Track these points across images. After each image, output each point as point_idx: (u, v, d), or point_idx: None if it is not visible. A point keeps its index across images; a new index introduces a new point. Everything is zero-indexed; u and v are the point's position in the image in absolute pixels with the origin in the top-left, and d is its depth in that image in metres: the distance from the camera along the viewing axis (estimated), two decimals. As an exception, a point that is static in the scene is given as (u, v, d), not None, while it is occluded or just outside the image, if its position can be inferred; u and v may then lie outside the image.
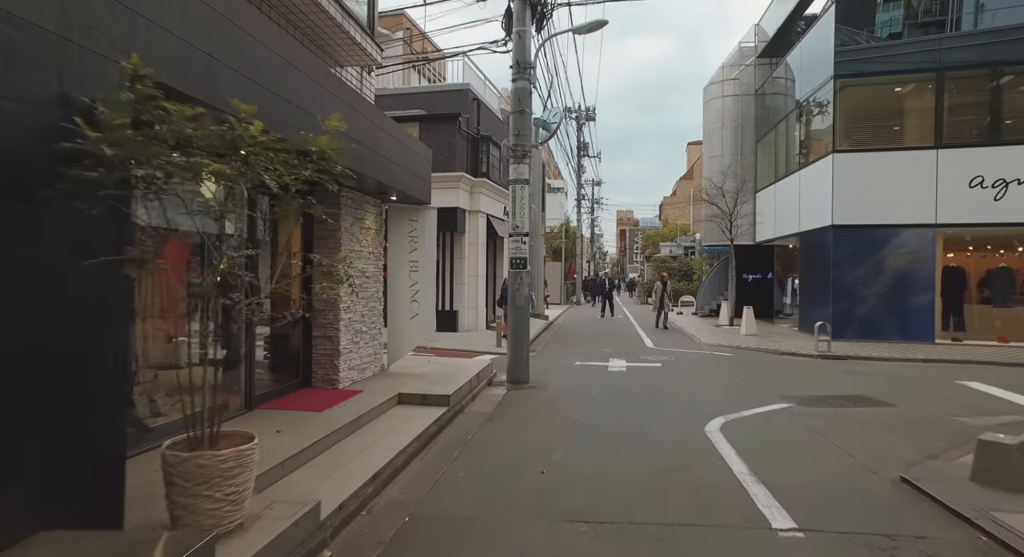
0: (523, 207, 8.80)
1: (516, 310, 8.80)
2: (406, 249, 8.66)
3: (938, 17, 13.99)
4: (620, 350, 12.97)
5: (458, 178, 14.39)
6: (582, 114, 34.66)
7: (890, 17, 14.46)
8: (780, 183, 17.65)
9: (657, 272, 33.13)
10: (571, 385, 8.93)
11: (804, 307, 15.71)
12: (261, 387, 6.25)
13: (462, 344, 13.29)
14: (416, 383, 7.62)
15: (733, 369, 10.46)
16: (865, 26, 14.29)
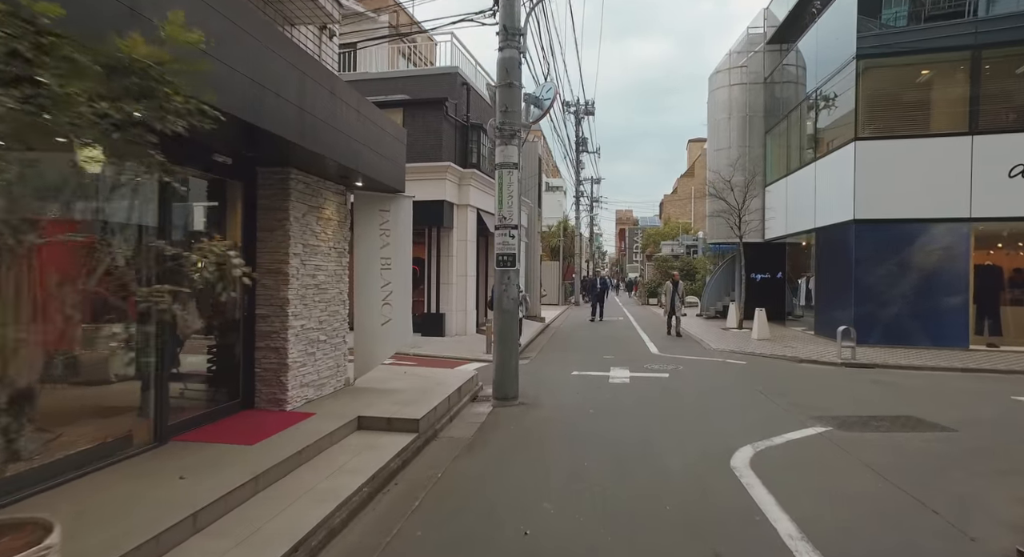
0: (511, 195, 7.61)
1: (503, 314, 7.62)
2: (376, 244, 7.47)
3: None
4: (622, 357, 11.79)
5: (444, 169, 13.19)
6: (580, 108, 33.53)
7: None
8: (793, 176, 16.47)
9: (660, 271, 31.98)
10: (567, 401, 7.74)
11: (820, 309, 14.53)
12: (184, 411, 5.06)
13: (448, 350, 12.10)
14: (383, 402, 6.43)
15: (750, 380, 9.28)
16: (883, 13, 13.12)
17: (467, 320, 14.09)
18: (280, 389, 5.85)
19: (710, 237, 21.29)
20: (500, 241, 7.63)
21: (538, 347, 13.72)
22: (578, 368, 10.40)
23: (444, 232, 13.87)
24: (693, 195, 51.38)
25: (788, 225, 16.71)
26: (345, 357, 7.26)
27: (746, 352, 12.12)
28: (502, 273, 7.62)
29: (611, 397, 7.96)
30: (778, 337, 14.47)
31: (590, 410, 7.18)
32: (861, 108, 12.35)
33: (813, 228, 14.69)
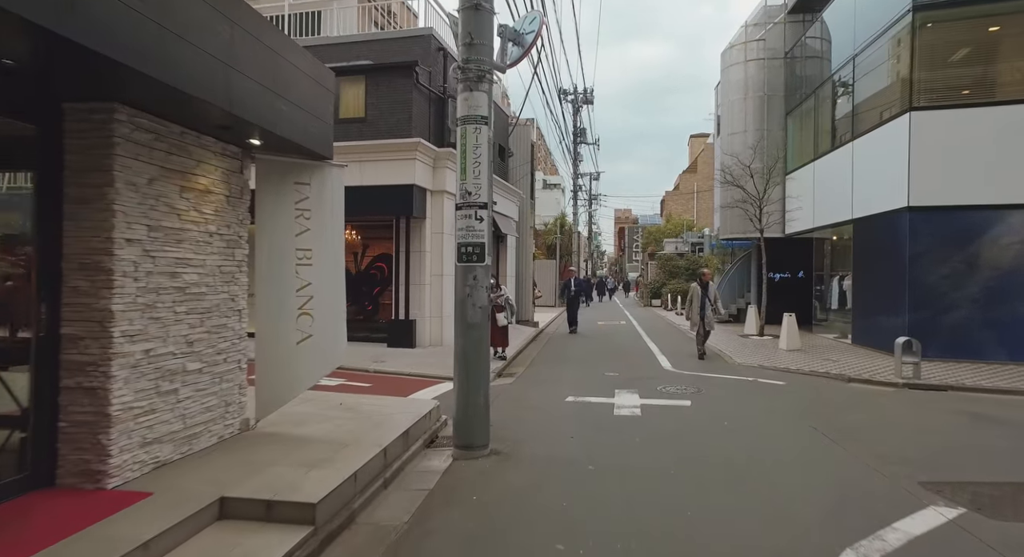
0: (478, 162, 5.46)
1: (466, 331, 5.46)
2: (290, 230, 5.32)
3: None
4: (628, 374, 9.64)
5: (413, 146, 11.03)
6: (579, 96, 31.45)
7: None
8: (822, 161, 14.33)
9: (663, 271, 29.84)
10: (556, 448, 5.59)
11: (859, 314, 12.39)
12: None
13: (417, 366, 9.94)
14: (282, 464, 4.27)
15: (798, 410, 7.13)
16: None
17: (443, 328, 11.92)
18: (98, 454, 3.68)
19: (722, 232, 19.15)
20: (463, 225, 5.47)
21: (527, 359, 11.57)
22: (574, 390, 8.25)
23: (415, 223, 11.71)
24: (696, 190, 49.32)
25: (816, 217, 14.57)
26: (242, 389, 5.10)
27: (778, 368, 9.96)
28: (465, 271, 5.46)
29: (618, 441, 5.80)
30: (810, 347, 12.33)
31: (589, 467, 5.03)
32: (918, 72, 10.19)
33: (849, 219, 12.56)
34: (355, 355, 10.83)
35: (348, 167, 5.81)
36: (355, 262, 12.76)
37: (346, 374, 9.44)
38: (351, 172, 11.44)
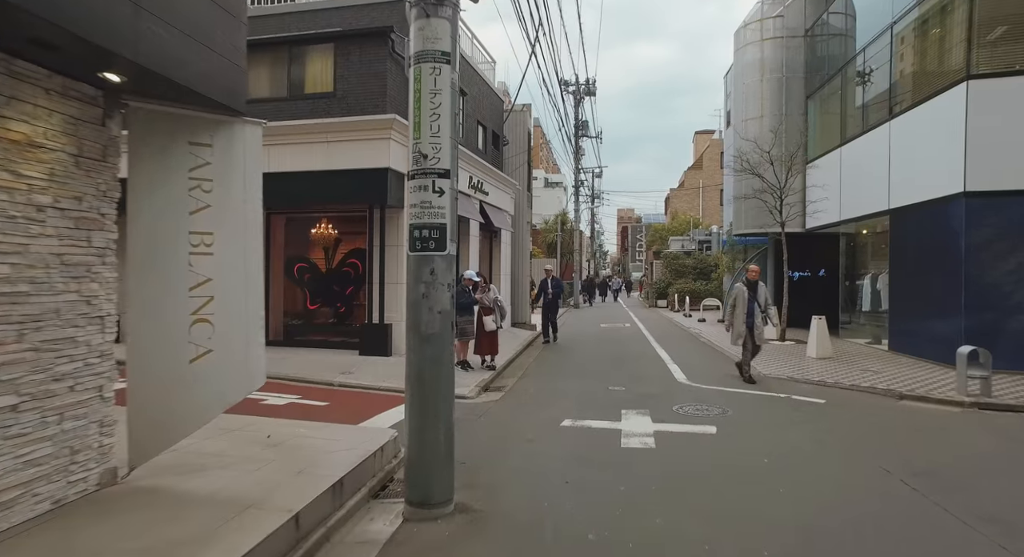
0: (437, 114, 4.00)
1: (421, 346, 4.01)
2: (180, 207, 3.89)
3: None
4: (637, 388, 8.18)
5: (388, 124, 9.57)
6: (580, 88, 30.00)
7: None
8: (850, 146, 12.85)
9: (669, 270, 28.36)
10: (546, 502, 4.15)
11: (897, 317, 10.91)
12: None
13: (388, 378, 8.50)
14: (128, 553, 2.83)
15: (856, 443, 5.66)
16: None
17: (424, 333, 10.45)
18: None
19: (735, 227, 17.66)
20: (417, 201, 4.01)
21: (521, 369, 10.11)
22: (572, 410, 6.79)
23: (392, 214, 10.25)
24: (702, 187, 47.84)
25: (843, 209, 13.08)
26: (105, 428, 3.66)
27: (812, 381, 8.48)
28: (420, 263, 4.01)
29: (628, 491, 4.34)
30: (841, 355, 10.85)
31: (589, 535, 3.58)
32: (977, 33, 8.70)
33: (885, 210, 11.08)
34: (320, 365, 9.40)
35: (267, 124, 4.34)
36: (326, 259, 11.33)
37: (303, 389, 8.03)
38: (316, 155, 10.02)
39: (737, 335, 8.57)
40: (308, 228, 11.45)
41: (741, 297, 8.57)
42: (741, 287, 8.65)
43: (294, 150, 9.80)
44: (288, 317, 11.30)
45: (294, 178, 9.78)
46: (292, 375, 8.79)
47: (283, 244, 11.31)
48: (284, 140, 9.83)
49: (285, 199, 10.09)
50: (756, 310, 8.49)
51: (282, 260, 11.23)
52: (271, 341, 10.89)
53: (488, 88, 15.47)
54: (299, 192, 9.84)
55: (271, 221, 11.04)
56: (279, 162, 9.84)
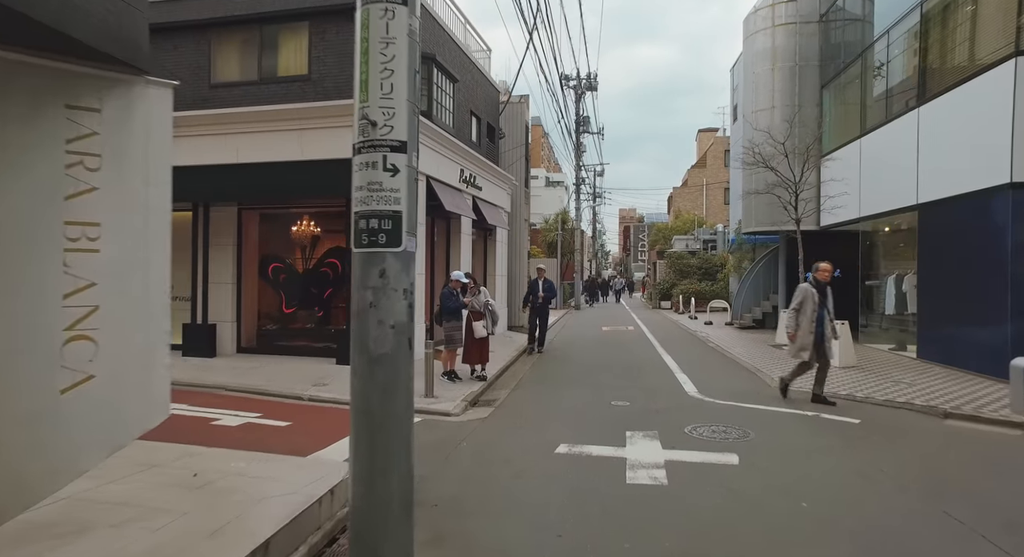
0: (389, 70, 3.08)
1: (370, 368, 3.09)
2: (50, 191, 2.98)
3: None
4: (642, 402, 7.27)
5: (367, 109, 8.67)
6: (581, 82, 29.13)
7: None
8: (871, 137, 11.92)
9: (674, 270, 27.44)
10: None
11: (927, 322, 9.98)
12: None
13: (363, 393, 7.56)
14: None
15: (909, 479, 4.73)
16: None
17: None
18: None
19: (745, 224, 16.73)
20: (362, 183, 3.10)
21: (515, 378, 9.20)
22: (569, 432, 5.88)
23: (373, 209, 9.34)
24: (705, 185, 46.91)
25: (863, 204, 12.15)
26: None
27: (840, 395, 7.54)
28: (366, 263, 3.09)
29: (631, 552, 3.42)
30: (867, 363, 9.92)
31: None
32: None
33: (912, 205, 10.15)
34: (292, 375, 8.50)
35: (173, 87, 3.41)
36: (303, 258, 10.43)
37: (267, 405, 7.13)
38: (289, 144, 9.03)
39: (800, 348, 7.03)
40: (283, 225, 10.56)
41: (810, 301, 7.03)
42: (808, 289, 7.15)
43: (266, 139, 8.91)
44: (262, 322, 10.41)
45: (265, 170, 8.90)
46: (258, 387, 7.90)
47: (257, 242, 10.42)
48: (254, 128, 8.94)
49: (255, 193, 9.21)
50: (827, 318, 7.06)
51: (256, 260, 10.33)
52: (244, 348, 10.03)
53: (483, 77, 14.56)
54: (271, 185, 8.95)
55: (243, 217, 10.15)
56: (249, 152, 8.95)
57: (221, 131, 8.99)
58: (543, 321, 11.92)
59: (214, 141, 9.04)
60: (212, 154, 9.03)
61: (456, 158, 11.42)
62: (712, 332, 15.87)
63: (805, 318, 7.02)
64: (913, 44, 10.52)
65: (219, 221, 9.88)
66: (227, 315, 9.83)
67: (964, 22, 9.27)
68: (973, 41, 8.97)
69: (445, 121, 11.14)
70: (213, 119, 9.00)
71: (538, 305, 11.64)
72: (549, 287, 11.74)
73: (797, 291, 7.27)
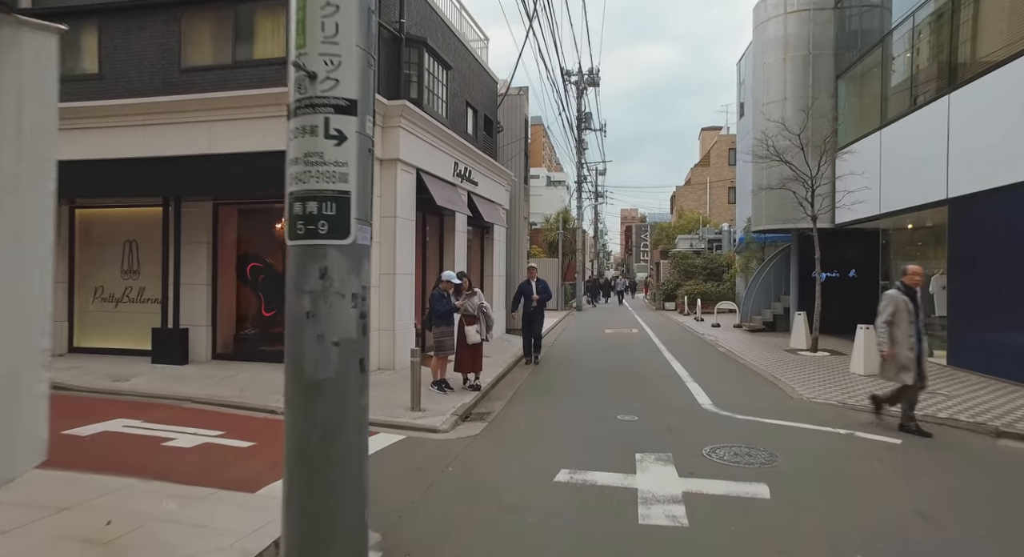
0: (335, 5, 2.33)
1: (307, 397, 2.35)
2: None
3: None
4: (652, 416, 6.52)
5: (349, 93, 7.92)
6: (583, 78, 28.40)
7: None
8: (894, 128, 11.17)
9: (678, 270, 26.69)
10: None
11: (959, 326, 9.24)
12: None
13: (343, 406, 6.84)
14: None
15: (992, 526, 3.97)
16: None
17: (395, 345, 8.82)
18: None
19: (755, 223, 15.96)
20: (298, 154, 2.36)
21: (512, 387, 8.46)
22: (570, 454, 5.14)
23: (357, 203, 8.60)
24: (709, 184, 46.12)
25: (884, 200, 11.39)
26: None
27: (871, 409, 6.78)
28: (301, 259, 2.36)
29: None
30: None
31: None
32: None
33: (942, 199, 9.39)
34: (269, 385, 7.77)
35: (59, 33, 2.66)
36: (283, 257, 9.69)
37: (234, 419, 6.42)
38: (266, 133, 8.36)
39: (900, 367, 5.76)
40: (263, 221, 9.83)
41: (904, 311, 5.76)
42: (898, 296, 5.83)
43: (241, 127, 8.18)
44: (240, 326, 9.67)
45: (241, 161, 8.17)
46: (229, 399, 7.16)
47: (234, 240, 9.69)
48: (229, 115, 8.21)
49: (230, 186, 8.48)
50: (919, 327, 5.84)
51: (233, 259, 9.60)
52: (219, 354, 9.29)
53: (479, 67, 13.82)
54: (247, 177, 8.22)
55: (219, 214, 9.42)
56: (223, 142, 8.23)
57: (192, 119, 8.26)
58: (538, 328, 10.45)
59: (185, 130, 8.31)
60: (183, 144, 8.31)
61: (450, 150, 10.68)
62: (721, 335, 15.12)
63: (901, 332, 5.75)
64: (942, 26, 9.77)
65: (193, 217, 9.15)
66: (201, 319, 9.09)
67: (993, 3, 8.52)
68: (1016, 17, 8.20)
69: (437, 110, 10.40)
70: (183, 106, 8.27)
71: (531, 310, 10.03)
72: (543, 288, 10.14)
73: (885, 300, 5.95)
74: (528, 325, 10.26)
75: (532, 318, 10.15)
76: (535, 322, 10.24)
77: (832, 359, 10.54)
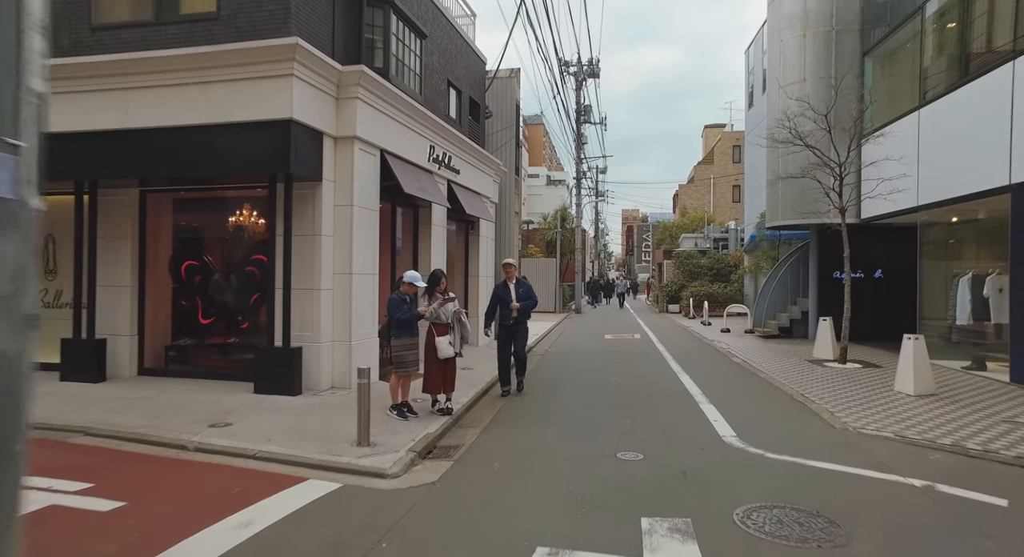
0: None
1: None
2: None
3: None
4: (660, 457, 5.09)
5: (287, 52, 6.45)
6: (582, 69, 27.03)
7: None
8: (935, 107, 9.73)
9: (683, 270, 25.26)
10: None
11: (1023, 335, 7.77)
12: None
13: (275, 436, 5.47)
14: None
15: None
16: None
17: (352, 359, 7.37)
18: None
19: (770, 218, 14.50)
20: None
21: (492, 410, 7.02)
22: (556, 521, 3.70)
23: (304, 190, 7.16)
24: (713, 182, 44.69)
25: (923, 190, 9.96)
26: None
27: (943, 445, 5.34)
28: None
29: None
30: (947, 390, 7.71)
31: None
32: None
33: (1003, 186, 7.97)
34: (189, 410, 6.34)
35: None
36: (223, 254, 8.25)
37: (122, 460, 5.02)
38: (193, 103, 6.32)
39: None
40: (205, 211, 8.42)
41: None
42: None
43: (163, 96, 6.75)
44: (174, 335, 8.23)
45: (163, 136, 6.74)
46: (133, 430, 5.73)
47: (169, 235, 8.26)
48: (148, 81, 6.79)
49: (149, 168, 7.03)
50: None
51: (166, 257, 8.17)
52: (147, 369, 7.86)
53: (465, 44, 12.40)
54: (169, 158, 6.78)
55: (148, 203, 7.99)
56: (142, 114, 6.80)
57: (105, 85, 6.84)
58: (520, 346, 7.68)
59: (97, 100, 6.89)
60: (94, 117, 6.89)
61: (425, 131, 9.25)
62: (732, 342, 13.67)
63: None
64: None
65: (113, 207, 7.72)
66: (124, 327, 7.66)
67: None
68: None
69: (409, 84, 8.96)
70: (93, 69, 6.85)
71: (510, 323, 7.52)
72: (526, 292, 7.63)
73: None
74: (506, 342, 7.61)
75: (512, 333, 7.60)
76: (516, 338, 7.63)
77: (866, 373, 9.10)
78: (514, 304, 7.44)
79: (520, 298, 7.54)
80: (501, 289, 7.66)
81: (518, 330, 7.64)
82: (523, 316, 7.67)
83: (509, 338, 7.59)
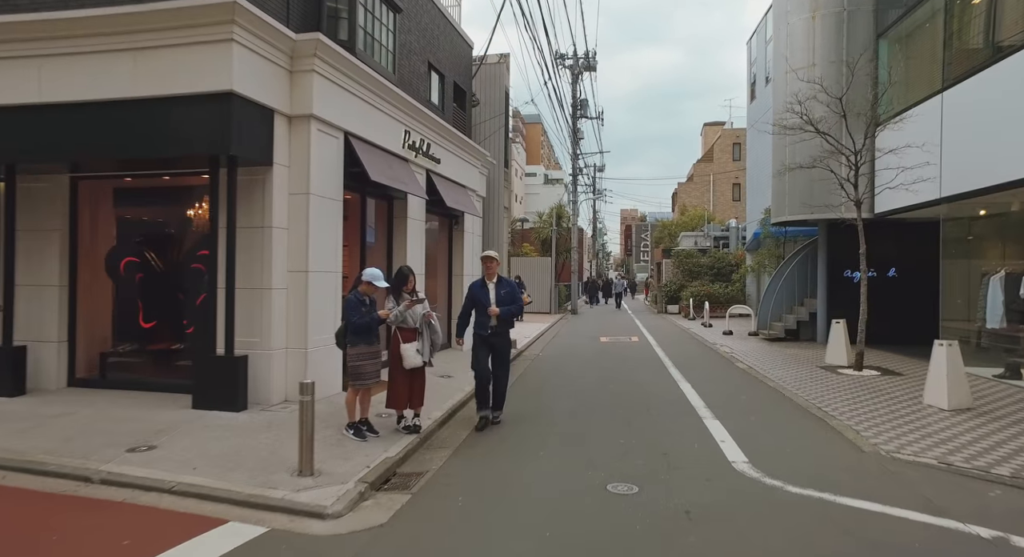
0: None
1: None
2: None
3: None
4: (659, 490, 4.20)
5: (227, 13, 5.53)
6: (578, 62, 26.20)
7: None
8: (959, 89, 8.87)
9: (683, 270, 24.42)
10: None
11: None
12: None
13: (204, 462, 4.60)
14: None
15: None
16: None
17: (307, 368, 6.45)
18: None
19: (776, 213, 13.61)
20: None
21: (466, 426, 6.09)
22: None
23: (251, 175, 6.25)
24: (712, 180, 43.87)
25: (946, 181, 9.09)
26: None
27: (1000, 478, 4.45)
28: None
29: None
30: (985, 403, 6.82)
31: None
32: None
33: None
34: (108, 429, 5.44)
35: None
36: (163, 250, 7.32)
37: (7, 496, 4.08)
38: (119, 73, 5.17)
39: None
40: (149, 201, 7.52)
41: None
42: None
43: (87, 64, 5.85)
44: (113, 340, 7.31)
45: (84, 112, 5.83)
46: (34, 457, 4.83)
47: (110, 227, 7.35)
48: (68, 47, 5.87)
49: (69, 149, 6.11)
50: None
51: (101, 253, 7.25)
52: (79, 380, 6.93)
53: (449, 26, 11.50)
54: (93, 138, 5.87)
55: (80, 191, 7.07)
56: (57, 86, 5.89)
57: (13, 52, 5.93)
58: (501, 366, 6.12)
59: (5, 69, 5.98)
60: (1, 89, 5.98)
61: (398, 114, 8.34)
62: (736, 345, 12.80)
63: None
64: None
65: (37, 196, 6.81)
66: (50, 332, 6.74)
67: None
68: None
69: (381, 62, 8.06)
70: (2, 32, 5.94)
71: (487, 333, 5.97)
72: (509, 294, 6.02)
73: None
74: (482, 357, 5.96)
75: (491, 346, 6.00)
76: (496, 357, 6.06)
77: (887, 381, 8.22)
78: (492, 308, 5.87)
79: (501, 302, 5.92)
80: (478, 289, 6.03)
81: (498, 343, 6.03)
82: (504, 325, 6.05)
83: (486, 353, 5.99)
